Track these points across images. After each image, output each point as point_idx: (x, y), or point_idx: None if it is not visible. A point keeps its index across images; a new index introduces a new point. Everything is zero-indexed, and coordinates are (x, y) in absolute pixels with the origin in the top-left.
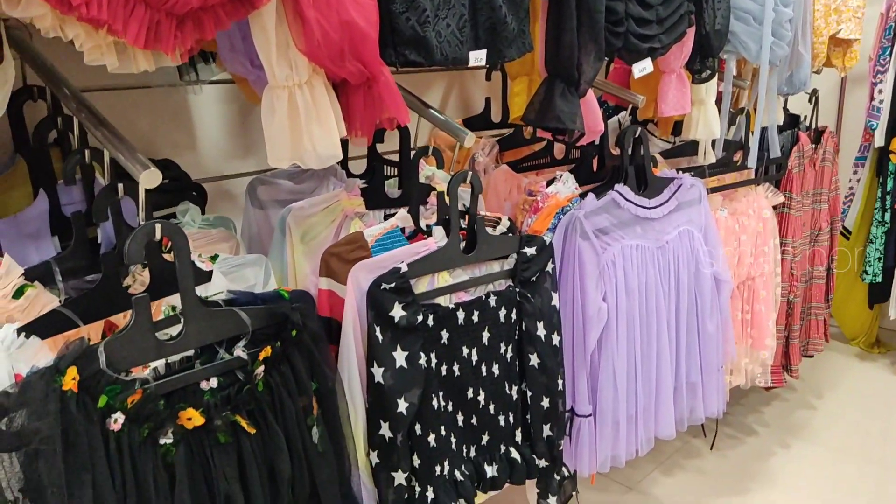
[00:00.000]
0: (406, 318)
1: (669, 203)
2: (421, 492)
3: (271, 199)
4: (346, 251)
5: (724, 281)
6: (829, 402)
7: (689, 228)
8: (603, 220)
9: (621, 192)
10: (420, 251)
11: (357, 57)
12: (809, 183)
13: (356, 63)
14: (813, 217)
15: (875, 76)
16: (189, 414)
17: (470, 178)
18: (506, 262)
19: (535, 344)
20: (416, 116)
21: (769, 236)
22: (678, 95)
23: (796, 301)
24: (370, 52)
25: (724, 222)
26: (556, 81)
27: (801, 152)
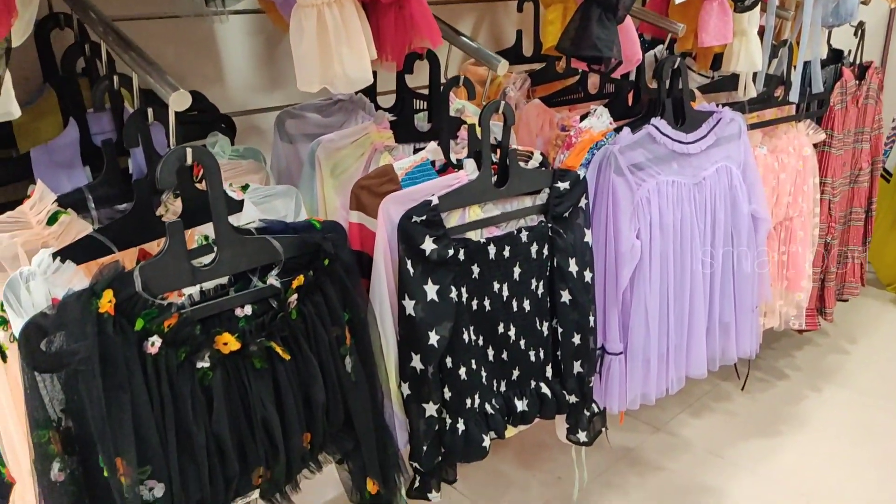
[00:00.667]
0: (437, 251)
1: (708, 138)
2: (452, 423)
3: (300, 132)
4: (376, 184)
5: (761, 219)
6: (862, 348)
7: (727, 165)
8: (638, 155)
9: (658, 127)
10: (451, 184)
11: None
12: (851, 121)
13: None
14: (854, 157)
15: None
16: (225, 339)
17: (503, 108)
18: (538, 197)
19: (566, 280)
20: (446, 47)
21: (809, 175)
22: (720, 24)
23: (834, 243)
24: None
25: (764, 160)
26: (592, 7)
27: (844, 88)
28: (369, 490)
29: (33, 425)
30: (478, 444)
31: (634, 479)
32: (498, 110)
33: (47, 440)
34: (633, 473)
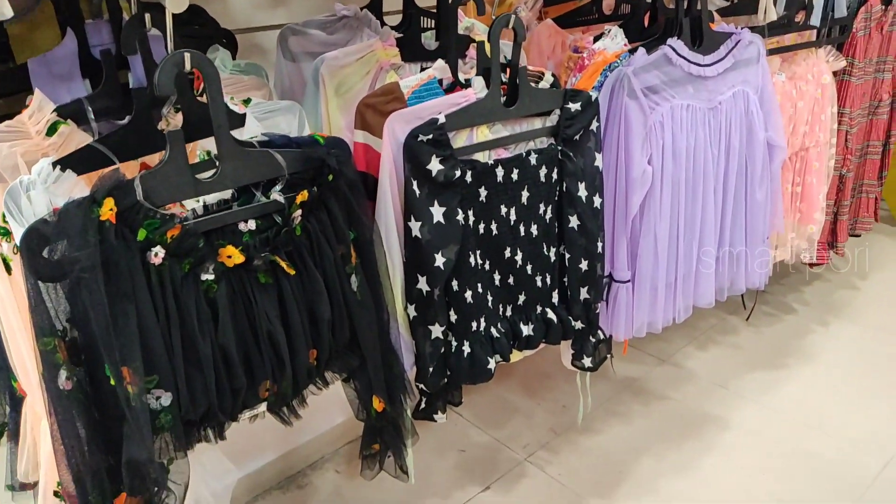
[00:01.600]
0: (444, 172)
1: (725, 60)
2: (457, 346)
3: (303, 50)
4: (381, 102)
5: (777, 147)
6: (873, 284)
7: (744, 89)
8: (653, 77)
9: (674, 48)
10: (459, 102)
11: None
12: (874, 49)
13: None
14: (874, 87)
15: None
16: (229, 251)
17: (513, 22)
18: (548, 119)
19: (575, 205)
20: None
21: (827, 104)
22: None
23: (849, 175)
24: None
25: (782, 87)
26: None
27: (869, 14)
28: (375, 408)
29: (38, 333)
30: (483, 366)
31: (638, 408)
32: (508, 25)
33: (53, 348)
34: (637, 402)
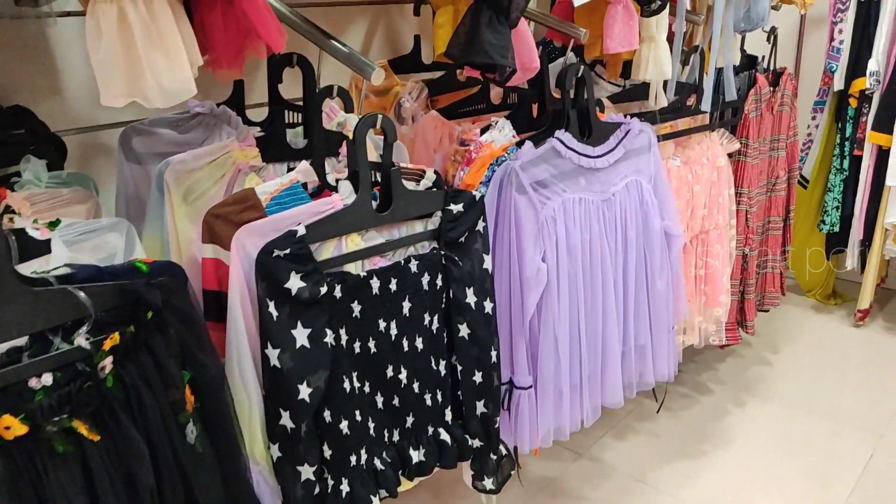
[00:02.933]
0: (306, 289)
1: (616, 151)
2: (334, 485)
3: (150, 151)
4: (233, 211)
5: (674, 235)
6: (786, 357)
7: (637, 179)
8: (542, 171)
9: (562, 140)
10: (322, 210)
11: None
12: (767, 128)
13: None
14: (770, 165)
15: (835, 15)
16: (6, 421)
17: (381, 122)
18: (430, 221)
19: (464, 313)
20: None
21: (724, 186)
22: (625, 30)
23: (752, 254)
24: None
25: (677, 171)
26: (482, 9)
27: (759, 95)
28: None
29: None
30: None
31: None
32: (375, 125)
33: None
34: None
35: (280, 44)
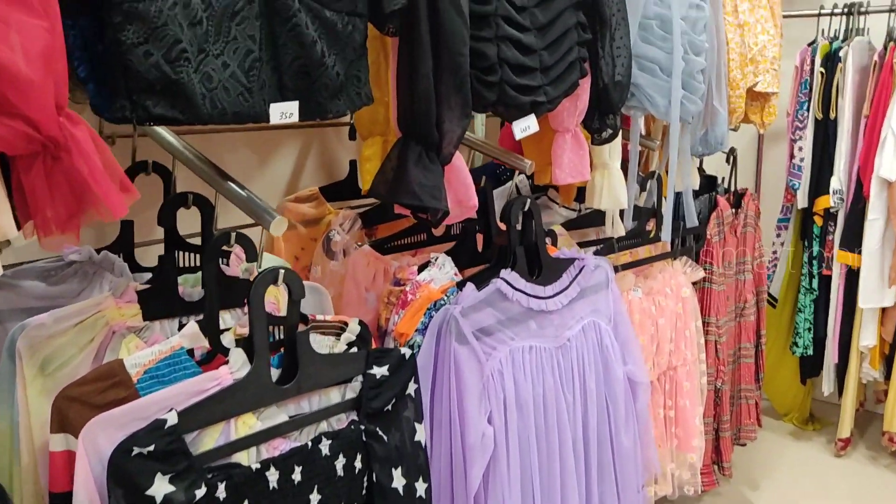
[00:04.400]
0: (178, 494)
1: (570, 290)
2: None
3: (13, 307)
4: (92, 391)
5: (640, 383)
6: (765, 493)
7: (594, 320)
8: (486, 316)
9: (508, 281)
10: (205, 388)
11: (12, 111)
12: (731, 252)
13: (16, 122)
14: (737, 289)
15: (794, 133)
16: None
17: (283, 277)
18: (349, 388)
19: (389, 499)
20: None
21: (690, 318)
22: (575, 159)
23: (724, 388)
24: (38, 105)
25: (639, 304)
26: (411, 144)
27: (721, 219)
28: None
29: None
30: None
31: None
32: (276, 282)
33: None
34: None
35: (122, 207)
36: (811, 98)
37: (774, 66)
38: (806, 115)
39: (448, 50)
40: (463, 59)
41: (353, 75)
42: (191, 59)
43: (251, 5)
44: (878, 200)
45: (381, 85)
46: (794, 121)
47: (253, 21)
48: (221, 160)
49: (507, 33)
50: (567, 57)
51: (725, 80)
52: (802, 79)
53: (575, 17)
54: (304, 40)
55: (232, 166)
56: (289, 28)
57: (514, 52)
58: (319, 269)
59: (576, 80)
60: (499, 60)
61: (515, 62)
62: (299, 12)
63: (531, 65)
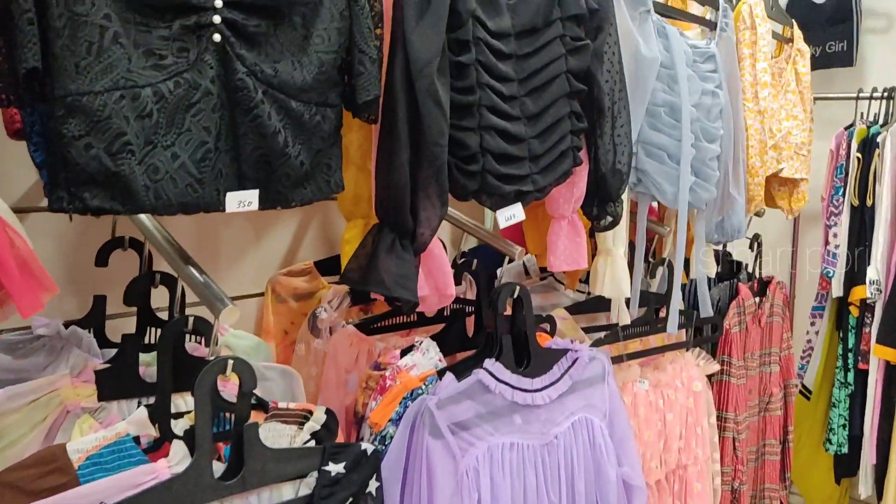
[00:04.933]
0: None
1: (560, 383)
2: None
3: None
4: (29, 477)
5: (635, 487)
6: None
7: (587, 416)
8: (465, 409)
9: (492, 372)
10: (139, 482)
11: None
12: (755, 343)
13: None
14: (762, 382)
15: (829, 218)
16: None
17: (231, 367)
18: (303, 483)
19: None
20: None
21: (702, 414)
22: (571, 247)
23: (742, 489)
24: None
25: (645, 397)
26: (385, 230)
27: (742, 307)
28: None
29: None
30: None
31: None
32: (224, 371)
33: None
34: None
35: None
36: (846, 183)
37: (803, 152)
38: (841, 200)
39: (425, 140)
40: (440, 150)
41: (323, 163)
42: (135, 151)
43: (209, 97)
44: None
45: (366, 167)
46: (828, 206)
47: (210, 113)
48: (216, 233)
49: (492, 122)
50: (559, 146)
51: (744, 166)
52: (838, 163)
53: (569, 106)
54: (266, 131)
55: (227, 240)
56: (250, 118)
57: (498, 141)
58: (303, 347)
59: (568, 169)
60: (481, 149)
61: (499, 151)
62: (262, 103)
63: (518, 154)
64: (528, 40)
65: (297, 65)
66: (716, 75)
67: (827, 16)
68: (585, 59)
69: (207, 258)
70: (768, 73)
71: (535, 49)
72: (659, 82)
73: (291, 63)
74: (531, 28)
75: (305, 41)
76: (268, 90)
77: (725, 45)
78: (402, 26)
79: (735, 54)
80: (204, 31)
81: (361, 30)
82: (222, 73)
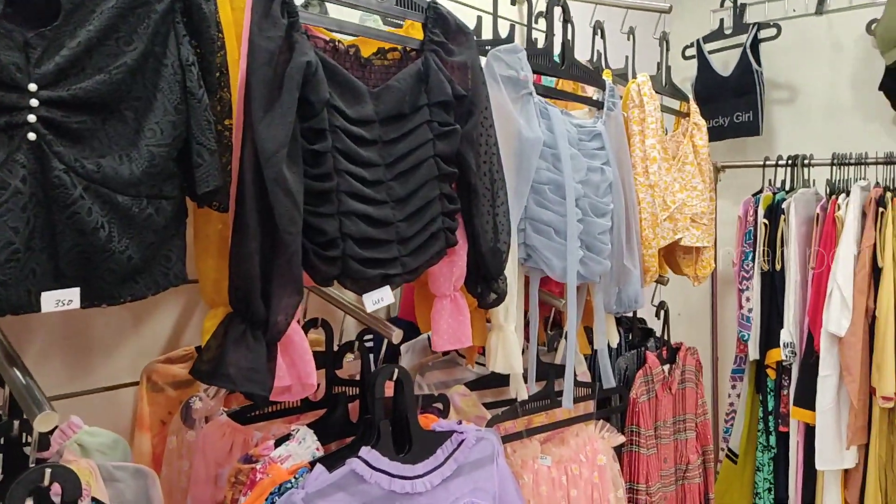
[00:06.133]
0: None
1: (444, 468)
2: None
3: None
4: None
5: None
6: None
7: (473, 501)
8: (338, 501)
9: (367, 460)
10: None
11: None
12: (667, 410)
13: None
14: (677, 449)
15: (741, 283)
16: None
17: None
18: None
19: None
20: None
21: (608, 488)
22: (454, 325)
23: None
24: None
25: (547, 474)
26: (235, 321)
27: (650, 376)
28: None
29: None
30: None
31: None
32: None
33: None
34: None
35: None
36: (755, 248)
37: (704, 221)
38: (752, 265)
39: (276, 229)
40: (290, 238)
41: (162, 255)
42: None
43: (18, 197)
44: (828, 356)
45: (225, 254)
46: (740, 271)
47: (19, 213)
48: (87, 320)
49: (352, 208)
50: (429, 227)
51: (637, 238)
52: (746, 229)
53: (439, 188)
54: (85, 227)
55: (101, 326)
56: (67, 216)
57: (360, 225)
58: (175, 440)
59: (441, 250)
60: (341, 235)
61: (361, 235)
62: (81, 199)
63: (384, 237)
64: (395, 126)
65: (126, 159)
66: (602, 152)
67: (732, 88)
68: (454, 143)
69: (77, 347)
70: (658, 149)
71: (401, 134)
72: (543, 161)
73: (119, 157)
74: (397, 114)
75: (137, 135)
76: (89, 186)
77: (614, 123)
78: (249, 117)
79: (623, 131)
80: (16, 131)
81: (199, 122)
82: (38, 171)
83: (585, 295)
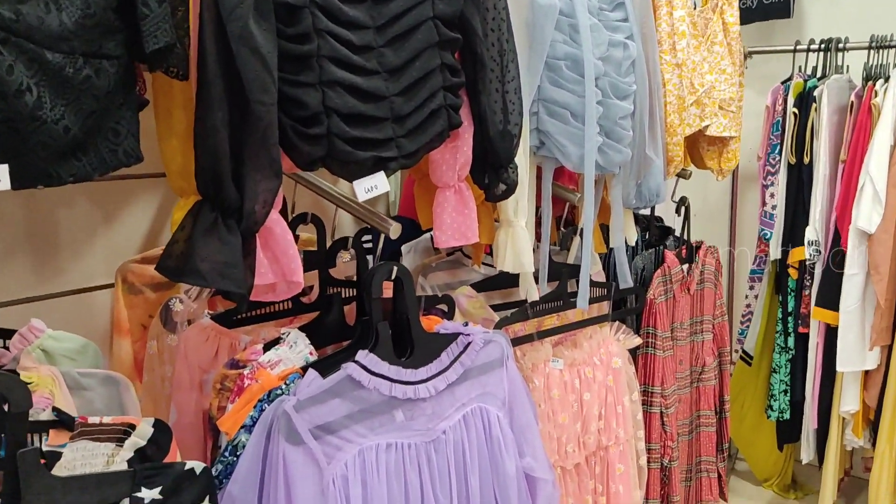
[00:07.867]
0: None
1: (449, 372)
2: None
3: None
4: None
5: (539, 479)
6: None
7: (481, 406)
8: (332, 409)
9: (364, 365)
10: None
11: None
12: (684, 312)
13: None
14: (693, 351)
15: (765, 178)
16: None
17: None
18: None
19: None
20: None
21: (623, 392)
22: (459, 219)
23: (673, 465)
24: None
25: (559, 377)
26: (204, 209)
27: (668, 276)
28: None
29: None
30: None
31: None
32: None
33: None
34: None
35: None
36: (783, 141)
37: (731, 108)
38: (778, 159)
39: (245, 98)
40: (264, 109)
41: (108, 128)
42: None
43: None
44: (856, 253)
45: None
46: (765, 165)
47: None
48: (53, 216)
49: (337, 77)
50: (429, 104)
51: (661, 125)
52: (774, 120)
53: (439, 57)
54: (6, 89)
55: (68, 223)
56: None
57: (346, 98)
58: (155, 344)
59: (442, 132)
60: (325, 109)
61: (349, 111)
62: (0, 55)
63: (376, 114)
64: None
65: (53, 7)
66: (626, 24)
67: None
68: (456, 3)
69: (43, 246)
70: (687, 23)
71: None
72: (559, 32)
73: (44, 4)
74: None
75: None
76: (8, 38)
77: None
78: None
79: (649, 2)
80: None
81: None
82: None
83: (602, 189)
